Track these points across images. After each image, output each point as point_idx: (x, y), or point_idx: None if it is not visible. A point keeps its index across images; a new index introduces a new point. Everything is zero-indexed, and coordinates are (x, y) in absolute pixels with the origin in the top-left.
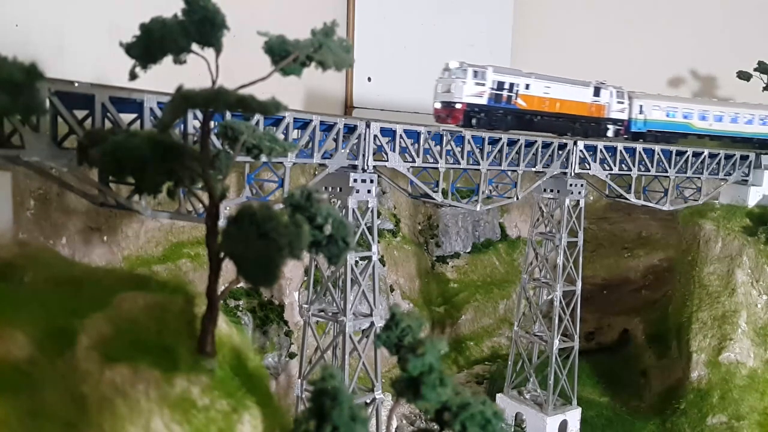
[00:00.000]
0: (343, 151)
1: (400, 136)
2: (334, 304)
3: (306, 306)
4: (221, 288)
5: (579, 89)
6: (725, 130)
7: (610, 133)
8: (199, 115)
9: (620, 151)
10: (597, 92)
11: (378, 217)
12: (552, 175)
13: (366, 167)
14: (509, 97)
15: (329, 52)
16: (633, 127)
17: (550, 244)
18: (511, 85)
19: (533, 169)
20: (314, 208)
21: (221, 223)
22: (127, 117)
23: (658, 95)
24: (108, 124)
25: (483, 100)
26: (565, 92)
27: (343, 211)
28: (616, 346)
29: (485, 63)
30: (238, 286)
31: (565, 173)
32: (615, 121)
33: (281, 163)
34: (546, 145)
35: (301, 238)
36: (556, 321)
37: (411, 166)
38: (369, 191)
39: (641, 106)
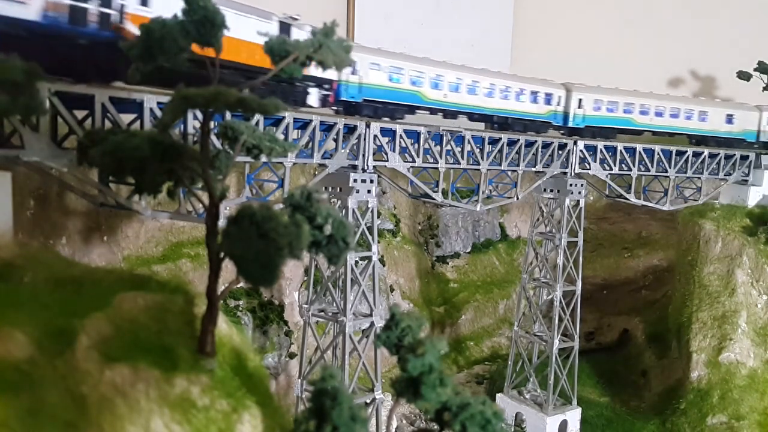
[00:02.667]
0: (343, 151)
1: (400, 136)
2: (334, 304)
3: (306, 306)
4: (221, 288)
5: (253, 22)
6: (462, 104)
7: (312, 101)
8: (199, 115)
9: (620, 151)
10: (286, 30)
11: (378, 217)
12: (552, 175)
13: (366, 167)
14: (104, 18)
15: (329, 52)
16: (344, 93)
17: (550, 244)
18: None
19: (533, 169)
20: (314, 208)
21: (221, 223)
22: (127, 117)
23: (378, 50)
24: (108, 124)
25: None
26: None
27: (343, 211)
28: (616, 346)
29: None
30: (238, 286)
31: (565, 173)
32: (320, 83)
33: (281, 163)
34: (546, 145)
35: (301, 238)
36: (556, 321)
37: (411, 166)
38: (369, 191)
39: (355, 64)
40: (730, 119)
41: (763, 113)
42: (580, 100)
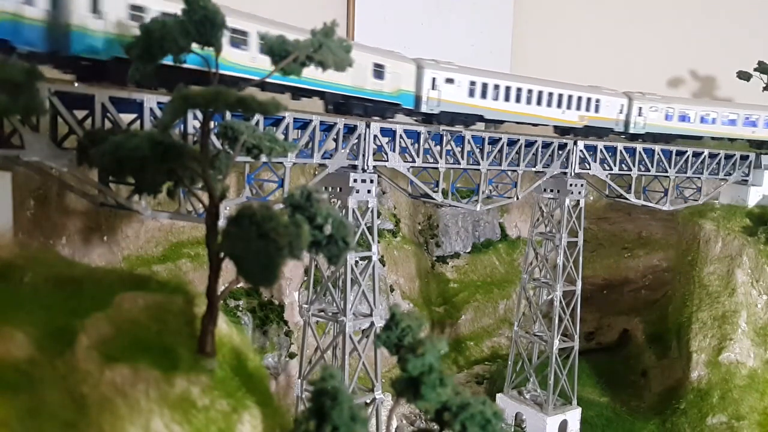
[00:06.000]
0: (343, 151)
1: (400, 136)
2: (334, 304)
3: (306, 306)
4: (221, 288)
5: None
6: None
7: None
8: (199, 115)
9: (620, 151)
10: None
11: (378, 217)
12: (552, 175)
13: (366, 167)
14: None
15: (329, 52)
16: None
17: (550, 244)
18: None
19: (533, 169)
20: (314, 208)
21: (221, 223)
22: (127, 117)
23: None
24: (108, 124)
25: None
26: None
27: (343, 211)
28: (616, 346)
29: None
30: (238, 286)
31: (565, 173)
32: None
33: (281, 163)
34: (546, 145)
35: (301, 238)
36: (556, 321)
37: (411, 166)
38: (369, 191)
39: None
40: (380, 74)
41: (425, 70)
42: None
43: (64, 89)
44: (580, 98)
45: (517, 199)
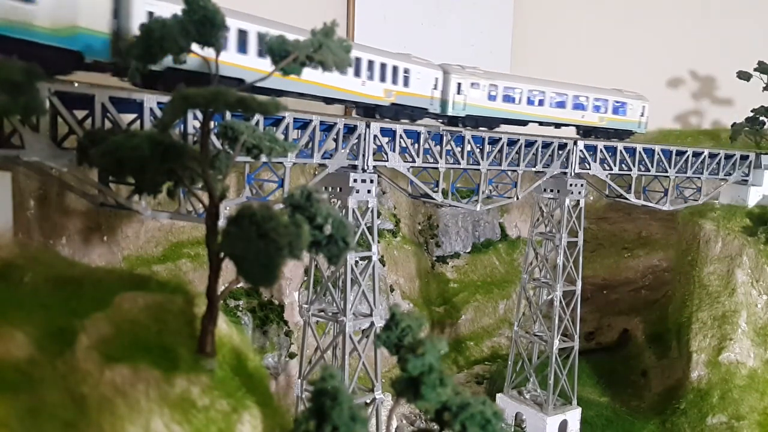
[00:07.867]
0: (343, 151)
1: (400, 136)
2: (334, 304)
3: (306, 306)
4: (221, 288)
5: None
6: None
7: None
8: (199, 115)
9: (620, 151)
10: None
11: (378, 217)
12: (552, 175)
13: (366, 167)
14: None
15: (329, 52)
16: None
17: (550, 244)
18: None
19: (533, 169)
20: (314, 208)
21: (221, 223)
22: (127, 117)
23: None
24: (108, 124)
25: None
26: None
27: (343, 211)
28: (616, 346)
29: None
30: (238, 286)
31: (565, 173)
32: None
33: (281, 163)
34: (546, 145)
35: (301, 238)
36: (556, 321)
37: (411, 166)
38: (369, 191)
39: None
40: None
41: None
42: None
43: (64, 89)
44: (384, 66)
45: (517, 199)
